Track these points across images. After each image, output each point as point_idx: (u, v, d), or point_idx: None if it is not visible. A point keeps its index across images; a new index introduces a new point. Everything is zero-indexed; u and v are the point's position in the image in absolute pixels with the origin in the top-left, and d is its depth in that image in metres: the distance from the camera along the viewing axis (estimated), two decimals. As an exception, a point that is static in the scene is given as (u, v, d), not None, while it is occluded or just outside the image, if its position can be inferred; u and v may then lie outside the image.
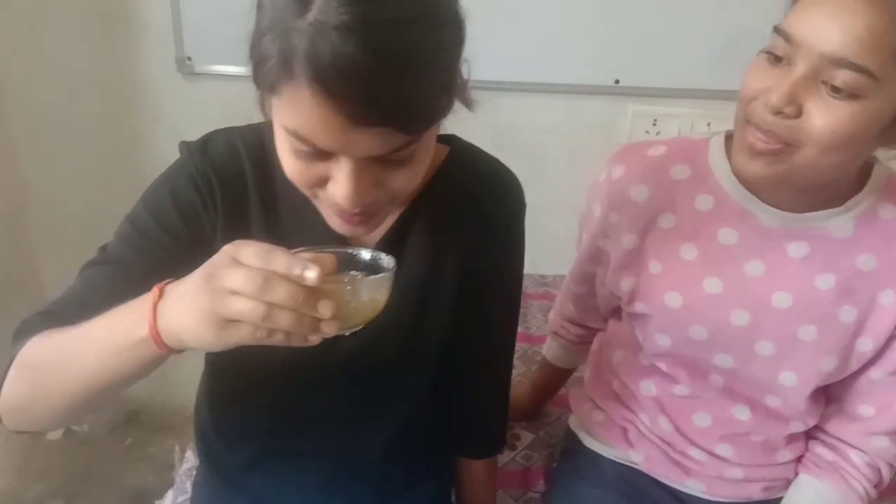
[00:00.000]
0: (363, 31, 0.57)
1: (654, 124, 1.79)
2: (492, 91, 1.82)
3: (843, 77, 0.73)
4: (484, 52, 0.77)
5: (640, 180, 0.96)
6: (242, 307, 0.57)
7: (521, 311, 1.03)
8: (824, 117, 0.74)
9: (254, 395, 0.93)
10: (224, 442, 0.98)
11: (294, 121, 0.63)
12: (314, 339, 0.61)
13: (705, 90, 1.72)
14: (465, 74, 0.72)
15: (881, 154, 0.88)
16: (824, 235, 0.88)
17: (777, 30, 0.78)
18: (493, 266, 0.91)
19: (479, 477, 1.08)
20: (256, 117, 0.85)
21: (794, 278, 0.90)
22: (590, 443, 1.15)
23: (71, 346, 0.69)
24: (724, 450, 1.03)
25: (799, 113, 0.76)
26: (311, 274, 0.57)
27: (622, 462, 1.12)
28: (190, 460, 1.22)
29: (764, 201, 0.89)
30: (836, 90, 0.74)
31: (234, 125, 0.86)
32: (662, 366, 1.03)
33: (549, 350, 1.30)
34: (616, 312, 1.11)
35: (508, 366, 1.04)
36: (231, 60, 1.73)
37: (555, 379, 1.35)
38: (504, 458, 1.26)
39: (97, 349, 0.66)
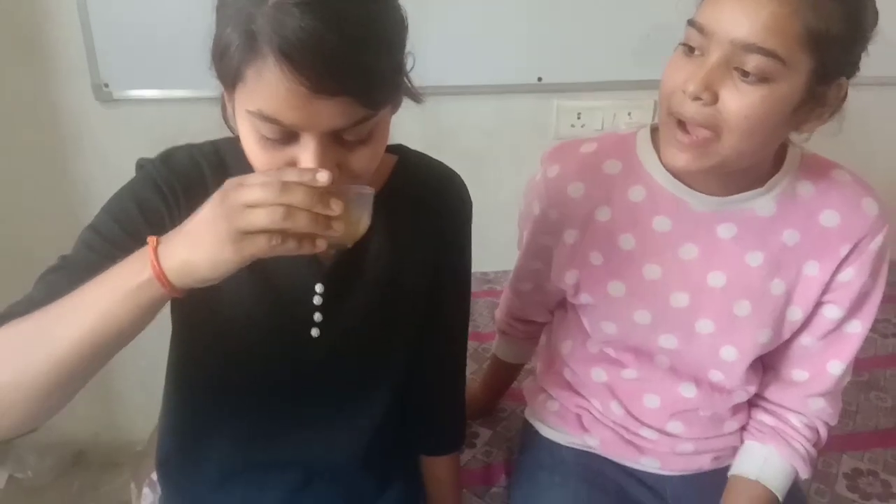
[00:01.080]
0: (323, 6, 0.63)
1: (579, 118, 1.84)
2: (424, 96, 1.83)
3: (753, 62, 0.78)
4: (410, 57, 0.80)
5: (575, 177, 0.99)
6: (261, 214, 0.61)
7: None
8: (738, 102, 0.79)
9: (223, 408, 0.93)
10: (191, 463, 0.98)
11: (260, 100, 0.66)
12: (321, 245, 0.65)
13: (624, 82, 1.77)
14: (409, 65, 0.77)
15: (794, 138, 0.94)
16: (750, 216, 0.94)
17: (691, 22, 0.83)
18: (447, 266, 0.96)
19: (445, 476, 1.10)
20: (180, 141, 0.86)
21: (727, 258, 0.95)
22: (546, 432, 1.18)
23: (53, 315, 0.67)
24: (674, 426, 1.08)
25: (715, 99, 0.80)
26: (323, 176, 0.63)
27: (579, 447, 1.15)
28: (148, 497, 1.19)
29: (692, 188, 0.94)
30: (746, 74, 0.79)
31: (158, 147, 0.87)
32: (610, 351, 1.07)
33: (499, 348, 1.33)
34: (562, 304, 1.14)
35: (463, 362, 1.07)
36: (149, 84, 1.69)
37: (506, 375, 1.37)
38: (465, 456, 1.28)
39: (92, 306, 0.66)
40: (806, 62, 0.79)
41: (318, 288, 0.88)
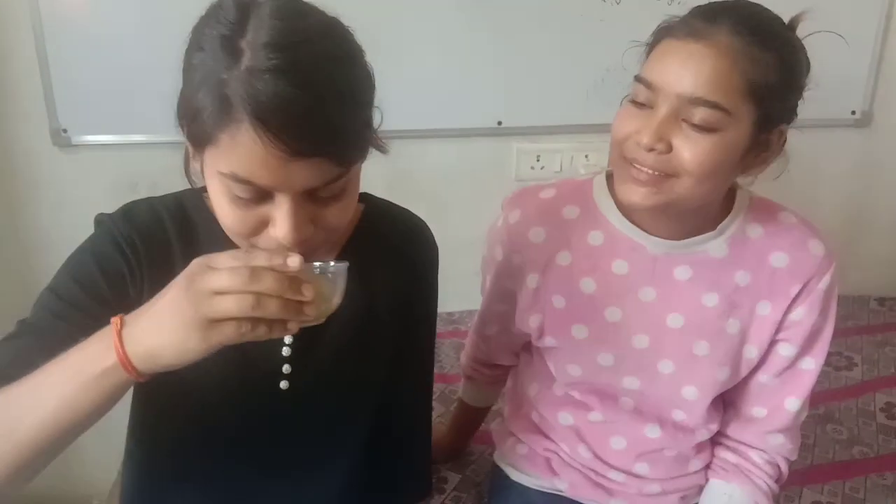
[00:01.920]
0: (293, 71, 0.64)
1: (538, 160, 1.88)
2: (383, 140, 1.84)
3: (700, 114, 0.82)
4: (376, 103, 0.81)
5: (535, 222, 1.02)
6: (229, 303, 0.59)
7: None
8: (691, 151, 0.83)
9: (187, 466, 0.90)
10: None
11: (234, 164, 0.66)
12: (293, 327, 0.64)
13: (580, 125, 1.82)
14: (377, 120, 0.78)
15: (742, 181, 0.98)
16: (704, 258, 0.97)
17: (638, 79, 0.87)
18: (415, 311, 0.96)
19: None
20: (140, 184, 0.85)
21: (684, 299, 0.98)
22: (516, 476, 1.18)
23: (17, 396, 0.65)
24: (641, 468, 1.09)
25: (669, 148, 0.84)
26: (294, 261, 0.62)
27: (549, 491, 1.15)
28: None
29: (648, 232, 0.97)
30: (693, 126, 0.82)
31: (119, 192, 0.86)
32: (576, 394, 1.08)
33: (465, 392, 1.33)
34: (527, 347, 1.15)
35: (429, 408, 1.07)
36: (109, 129, 1.68)
37: (473, 418, 1.37)
38: (434, 502, 1.26)
39: (54, 390, 0.64)
40: (749, 111, 0.83)
41: (287, 339, 0.87)
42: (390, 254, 0.92)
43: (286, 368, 0.87)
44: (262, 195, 0.69)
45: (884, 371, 1.72)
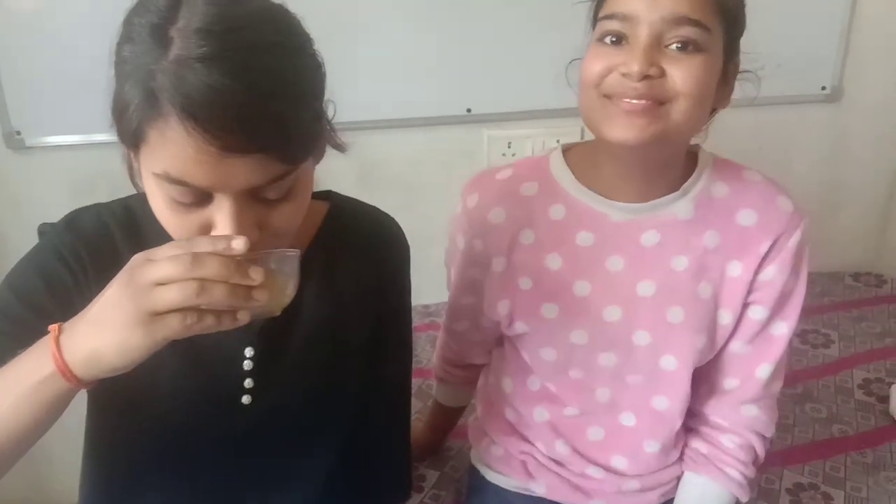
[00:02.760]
0: (225, 59, 0.59)
1: (510, 146, 1.86)
2: (352, 131, 1.82)
3: (685, 33, 0.80)
4: (340, 95, 0.78)
5: (495, 203, 0.99)
6: (172, 293, 0.56)
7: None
8: (683, 71, 0.81)
9: (144, 483, 0.86)
10: None
11: (165, 162, 0.62)
12: (244, 317, 0.60)
13: (551, 110, 1.79)
14: (330, 113, 0.73)
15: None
16: (670, 220, 0.94)
17: (608, 16, 0.84)
18: (389, 311, 0.92)
19: None
20: (100, 185, 0.82)
21: (653, 266, 0.95)
22: (492, 477, 1.16)
23: None
24: (619, 462, 1.07)
25: (662, 72, 0.81)
26: (239, 243, 0.59)
27: (526, 493, 1.13)
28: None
29: (609, 198, 0.94)
30: (683, 46, 0.80)
31: (77, 194, 0.82)
32: (552, 387, 1.05)
33: (438, 393, 1.30)
34: (500, 341, 1.12)
35: (408, 407, 1.03)
36: (64, 130, 1.64)
37: (450, 417, 1.35)
38: (413, 501, 1.23)
39: None
40: (720, 33, 0.83)
41: (248, 352, 0.83)
42: (357, 254, 0.88)
43: (248, 382, 0.83)
44: (200, 197, 0.64)
45: (860, 347, 1.71)
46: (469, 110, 1.81)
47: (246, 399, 0.83)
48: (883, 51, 1.91)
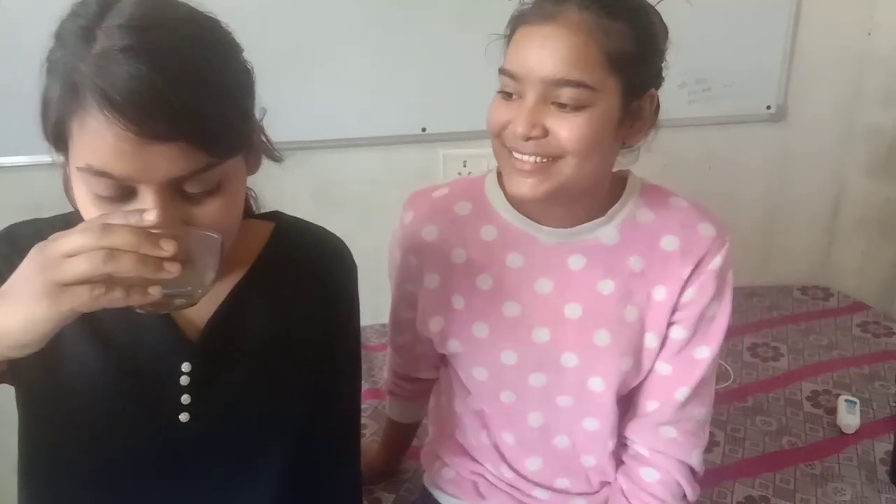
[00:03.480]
0: (146, 50, 0.60)
1: (465, 165, 1.87)
2: (307, 150, 1.83)
3: (566, 94, 0.82)
4: (296, 114, 0.78)
5: (427, 221, 1.01)
6: (80, 261, 0.55)
7: (366, 364, 1.03)
8: (567, 130, 0.83)
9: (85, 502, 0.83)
10: None
11: (87, 154, 0.62)
12: (155, 293, 0.59)
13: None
14: (260, 116, 0.74)
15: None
16: (596, 245, 0.96)
17: (502, 71, 0.87)
18: (335, 330, 0.91)
19: None
20: (46, 206, 0.80)
21: (580, 289, 0.97)
22: (445, 500, 1.16)
23: None
24: (562, 483, 1.07)
25: (545, 132, 0.84)
26: (150, 215, 0.59)
27: None
28: None
29: (539, 223, 0.96)
30: (563, 106, 0.82)
31: (26, 216, 0.82)
32: (486, 410, 1.05)
33: (391, 409, 1.30)
34: (444, 359, 1.12)
35: (357, 430, 1.01)
36: (10, 151, 1.62)
37: (403, 435, 1.34)
38: (368, 526, 1.22)
39: None
40: (614, 83, 0.83)
41: (185, 367, 0.80)
42: (303, 274, 0.87)
43: (185, 398, 0.81)
44: (124, 192, 0.64)
45: (809, 359, 1.75)
46: (424, 129, 1.82)
47: (183, 416, 0.81)
48: (825, 70, 1.97)
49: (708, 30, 1.83)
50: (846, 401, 1.54)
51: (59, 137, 0.65)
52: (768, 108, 1.97)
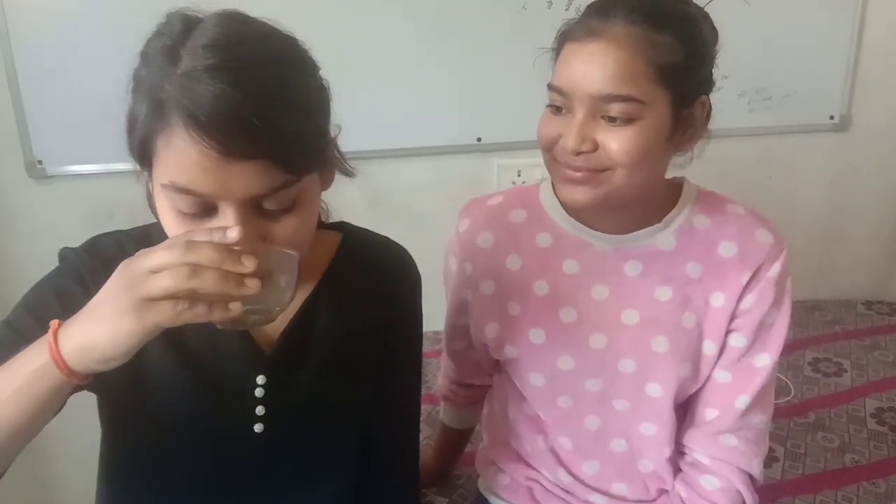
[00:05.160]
0: (228, 70, 0.62)
1: (519, 175, 1.88)
2: (363, 160, 1.84)
3: (615, 109, 0.83)
4: (352, 124, 0.81)
5: (483, 228, 1.03)
6: (165, 277, 0.57)
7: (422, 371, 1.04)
8: (616, 143, 0.84)
9: None
10: None
11: (171, 171, 0.64)
12: (236, 308, 0.60)
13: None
14: (334, 133, 0.77)
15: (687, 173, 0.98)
16: (653, 251, 0.96)
17: (550, 87, 0.89)
18: (401, 341, 0.94)
19: None
20: (117, 214, 0.84)
21: (637, 295, 0.97)
22: None
23: None
24: (618, 489, 1.07)
25: (595, 147, 0.85)
26: (234, 232, 0.61)
27: None
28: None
29: (594, 229, 0.97)
30: (612, 120, 0.83)
31: (95, 222, 0.85)
32: (542, 415, 1.06)
33: (445, 414, 1.31)
34: (499, 367, 1.13)
35: (417, 435, 1.03)
36: (84, 159, 1.69)
37: (457, 440, 1.35)
38: (421, 529, 1.24)
39: None
40: (663, 95, 0.84)
41: (260, 380, 0.83)
42: (370, 284, 0.89)
43: (260, 410, 0.83)
44: (206, 208, 0.66)
45: (873, 376, 1.69)
46: (479, 139, 1.84)
47: (258, 427, 0.84)
48: (890, 80, 1.92)
49: (768, 38, 1.81)
50: (913, 418, 1.49)
51: (143, 154, 0.67)
52: (831, 117, 1.93)
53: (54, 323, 0.63)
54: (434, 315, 1.10)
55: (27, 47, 1.59)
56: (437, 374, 1.68)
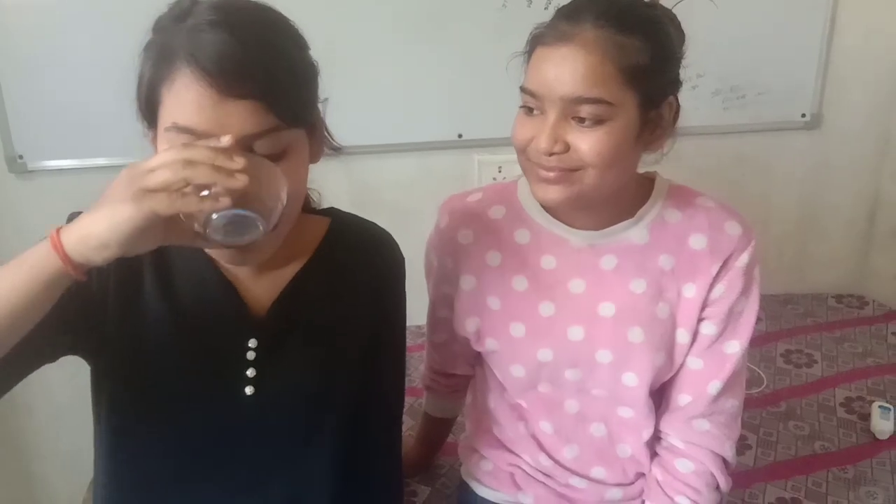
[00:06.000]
0: (230, 24, 0.72)
1: (500, 171, 1.90)
2: (346, 156, 1.85)
3: (585, 111, 0.85)
4: (333, 120, 0.84)
5: (463, 225, 1.05)
6: (163, 171, 0.64)
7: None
8: (587, 144, 0.86)
9: (155, 474, 0.90)
10: None
11: (174, 113, 0.72)
12: (225, 201, 0.65)
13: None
14: (321, 111, 0.84)
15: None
16: (627, 246, 0.99)
17: (523, 89, 0.91)
18: (385, 322, 0.98)
19: None
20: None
21: (612, 288, 1.00)
22: (482, 491, 1.19)
23: None
24: (598, 472, 1.10)
25: (567, 147, 0.87)
26: (226, 138, 0.69)
27: None
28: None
29: (570, 225, 1.00)
30: (582, 121, 0.86)
31: None
32: (523, 403, 1.09)
33: (427, 404, 1.34)
34: (480, 358, 1.16)
35: (400, 422, 1.06)
36: (66, 154, 1.69)
37: (439, 430, 1.38)
38: (405, 517, 1.26)
39: None
40: (631, 96, 0.87)
41: (252, 343, 0.87)
42: (358, 264, 0.94)
43: (251, 372, 0.87)
44: None
45: (843, 367, 1.74)
46: (460, 135, 1.86)
47: (249, 390, 0.87)
48: (861, 78, 1.97)
49: (742, 37, 1.84)
50: (880, 407, 1.54)
51: (150, 106, 0.75)
52: (803, 115, 1.97)
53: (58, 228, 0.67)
54: (416, 309, 1.12)
55: (7, 42, 1.58)
56: (419, 367, 1.71)
